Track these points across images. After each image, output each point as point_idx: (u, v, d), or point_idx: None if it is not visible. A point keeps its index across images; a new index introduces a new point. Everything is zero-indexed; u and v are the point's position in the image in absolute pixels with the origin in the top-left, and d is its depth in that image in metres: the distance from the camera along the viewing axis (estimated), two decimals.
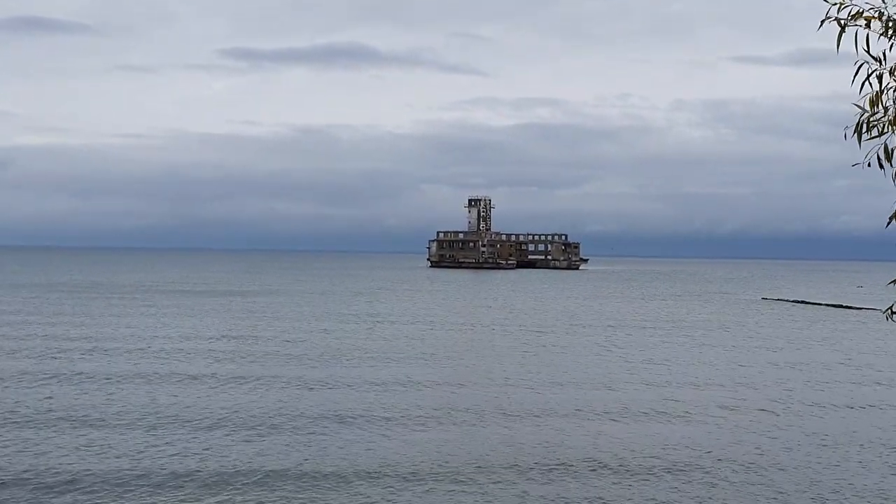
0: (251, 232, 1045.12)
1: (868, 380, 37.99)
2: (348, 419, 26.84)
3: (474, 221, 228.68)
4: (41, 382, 32.99)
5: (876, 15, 7.20)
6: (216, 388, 32.65)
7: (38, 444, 23.12)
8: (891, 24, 7.21)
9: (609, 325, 63.29)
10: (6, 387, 31.92)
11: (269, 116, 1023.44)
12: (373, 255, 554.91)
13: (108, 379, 34.02)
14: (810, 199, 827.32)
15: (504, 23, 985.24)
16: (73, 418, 26.55)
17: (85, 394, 30.72)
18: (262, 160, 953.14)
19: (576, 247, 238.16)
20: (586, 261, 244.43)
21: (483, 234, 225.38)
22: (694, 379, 36.93)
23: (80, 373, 35.46)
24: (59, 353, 41.91)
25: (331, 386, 33.48)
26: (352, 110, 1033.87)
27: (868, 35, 7.18)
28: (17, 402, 28.93)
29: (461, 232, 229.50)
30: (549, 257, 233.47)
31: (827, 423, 28.40)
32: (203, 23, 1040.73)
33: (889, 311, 8.68)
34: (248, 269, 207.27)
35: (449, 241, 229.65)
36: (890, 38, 7.24)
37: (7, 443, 23.26)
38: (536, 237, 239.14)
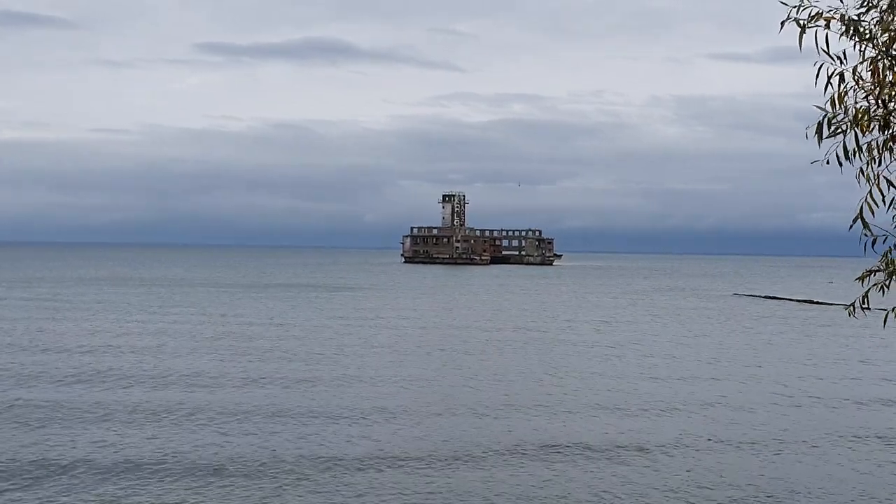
0: (229, 227, 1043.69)
1: (820, 376, 38.39)
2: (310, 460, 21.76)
3: (448, 217, 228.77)
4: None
5: (836, 16, 7.26)
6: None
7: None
8: (850, 24, 7.27)
9: (567, 321, 63.45)
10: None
11: (247, 112, 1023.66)
12: (350, 251, 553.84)
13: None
14: (788, 196, 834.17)
15: (482, 18, 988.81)
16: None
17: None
18: (240, 155, 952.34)
19: (549, 242, 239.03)
20: (560, 256, 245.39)
21: (457, 230, 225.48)
22: (633, 385, 36.02)
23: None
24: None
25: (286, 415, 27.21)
26: (330, 106, 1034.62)
27: (827, 35, 7.24)
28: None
29: (435, 228, 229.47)
30: (523, 253, 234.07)
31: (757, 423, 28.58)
32: (180, 17, 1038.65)
33: (851, 307, 8.77)
34: (229, 264, 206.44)
35: (423, 237, 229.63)
36: (850, 38, 7.31)
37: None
38: (510, 233, 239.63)
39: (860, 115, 7.47)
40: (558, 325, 59.59)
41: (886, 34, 7.34)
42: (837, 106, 7.44)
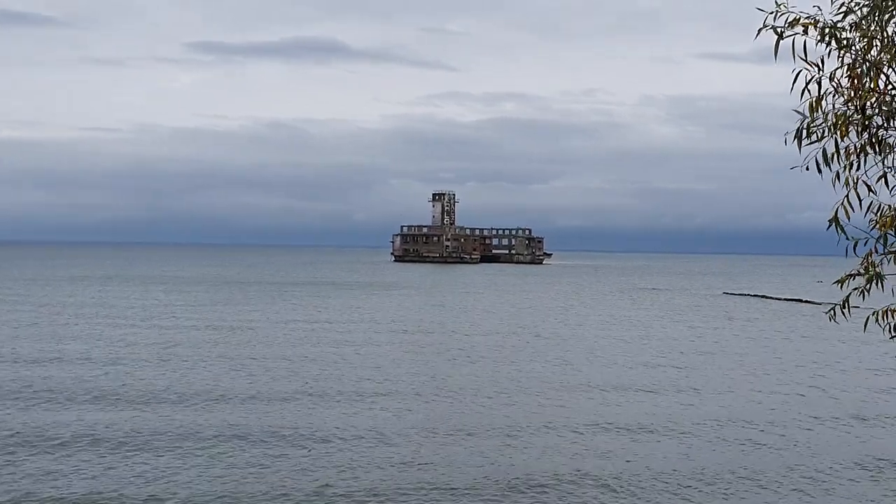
0: (222, 226, 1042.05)
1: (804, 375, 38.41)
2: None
3: (438, 216, 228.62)
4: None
5: (812, 22, 7.31)
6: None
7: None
8: (826, 30, 7.31)
9: (557, 324, 63.50)
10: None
11: (239, 111, 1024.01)
12: (341, 250, 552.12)
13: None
14: (778, 195, 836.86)
15: (473, 17, 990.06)
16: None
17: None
18: (233, 155, 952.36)
19: (539, 241, 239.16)
20: (550, 255, 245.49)
21: (447, 229, 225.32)
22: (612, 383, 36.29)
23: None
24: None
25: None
26: (322, 105, 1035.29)
27: (805, 42, 7.28)
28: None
29: (425, 226, 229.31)
30: (513, 252, 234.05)
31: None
32: (172, 16, 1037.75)
33: (832, 312, 8.80)
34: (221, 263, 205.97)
35: (413, 236, 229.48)
36: (827, 44, 7.35)
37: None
38: (500, 232, 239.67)
39: (839, 121, 7.52)
40: (549, 328, 59.44)
41: (864, 40, 7.38)
42: (816, 112, 7.49)
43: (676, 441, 24.84)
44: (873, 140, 7.66)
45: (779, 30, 7.24)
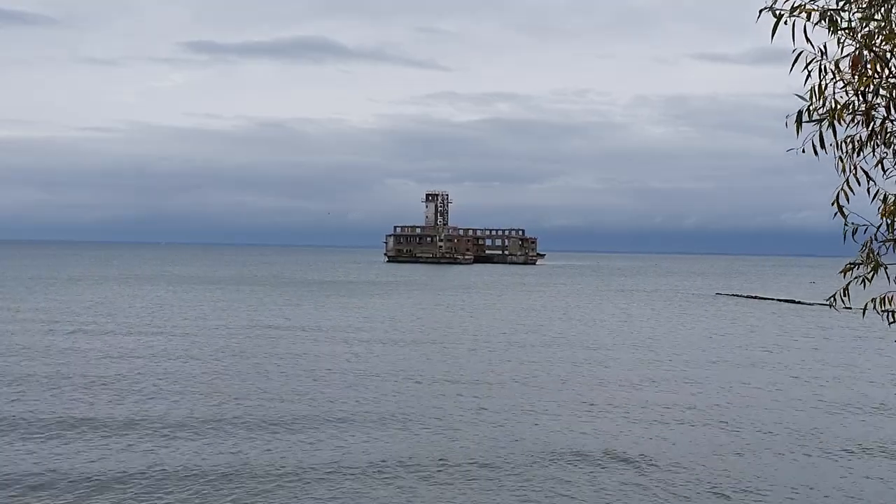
0: (216, 226, 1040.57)
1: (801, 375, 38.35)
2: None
3: (431, 216, 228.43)
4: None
5: (816, 8, 7.27)
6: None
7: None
8: (828, 15, 7.27)
9: (547, 326, 63.39)
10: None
11: (232, 110, 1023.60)
12: (335, 250, 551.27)
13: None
14: (772, 195, 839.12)
15: (467, 17, 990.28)
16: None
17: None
18: (227, 154, 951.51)
19: (533, 242, 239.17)
20: (543, 256, 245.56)
21: (440, 229, 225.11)
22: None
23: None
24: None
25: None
26: (315, 104, 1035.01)
27: (805, 26, 7.23)
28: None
29: (418, 227, 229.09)
30: (506, 252, 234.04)
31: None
32: (165, 15, 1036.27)
33: (832, 299, 8.82)
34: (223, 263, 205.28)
35: (406, 236, 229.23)
36: (830, 32, 7.31)
37: None
38: (494, 232, 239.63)
39: (839, 109, 7.49)
40: (546, 336, 59.11)
41: (868, 26, 7.35)
42: (817, 97, 7.46)
43: (696, 471, 21.53)
44: (876, 131, 7.65)
45: (777, 12, 7.20)
